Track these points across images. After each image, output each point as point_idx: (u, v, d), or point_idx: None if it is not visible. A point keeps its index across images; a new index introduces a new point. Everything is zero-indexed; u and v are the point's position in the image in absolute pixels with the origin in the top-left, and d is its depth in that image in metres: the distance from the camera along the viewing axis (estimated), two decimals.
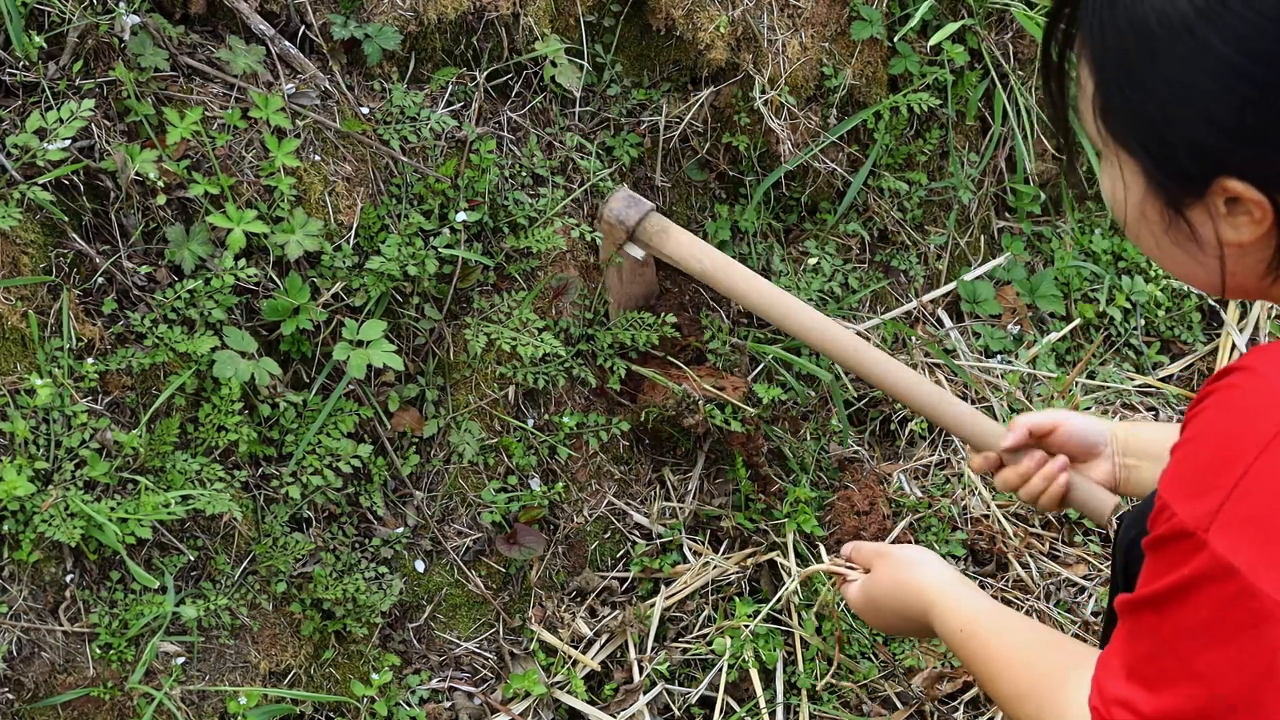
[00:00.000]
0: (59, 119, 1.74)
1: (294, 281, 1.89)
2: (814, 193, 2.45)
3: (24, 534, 1.66)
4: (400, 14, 2.02)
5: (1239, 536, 0.95)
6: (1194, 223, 1.09)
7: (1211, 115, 1.02)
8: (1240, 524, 0.95)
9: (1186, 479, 1.01)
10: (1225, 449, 0.98)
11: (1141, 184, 1.11)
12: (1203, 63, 1.01)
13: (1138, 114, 1.07)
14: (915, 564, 1.55)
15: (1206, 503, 0.97)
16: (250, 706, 1.81)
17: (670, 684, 2.09)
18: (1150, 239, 1.14)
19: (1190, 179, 1.06)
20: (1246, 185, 1.03)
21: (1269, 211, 1.03)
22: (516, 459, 2.10)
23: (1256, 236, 1.06)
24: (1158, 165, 1.08)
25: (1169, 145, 1.06)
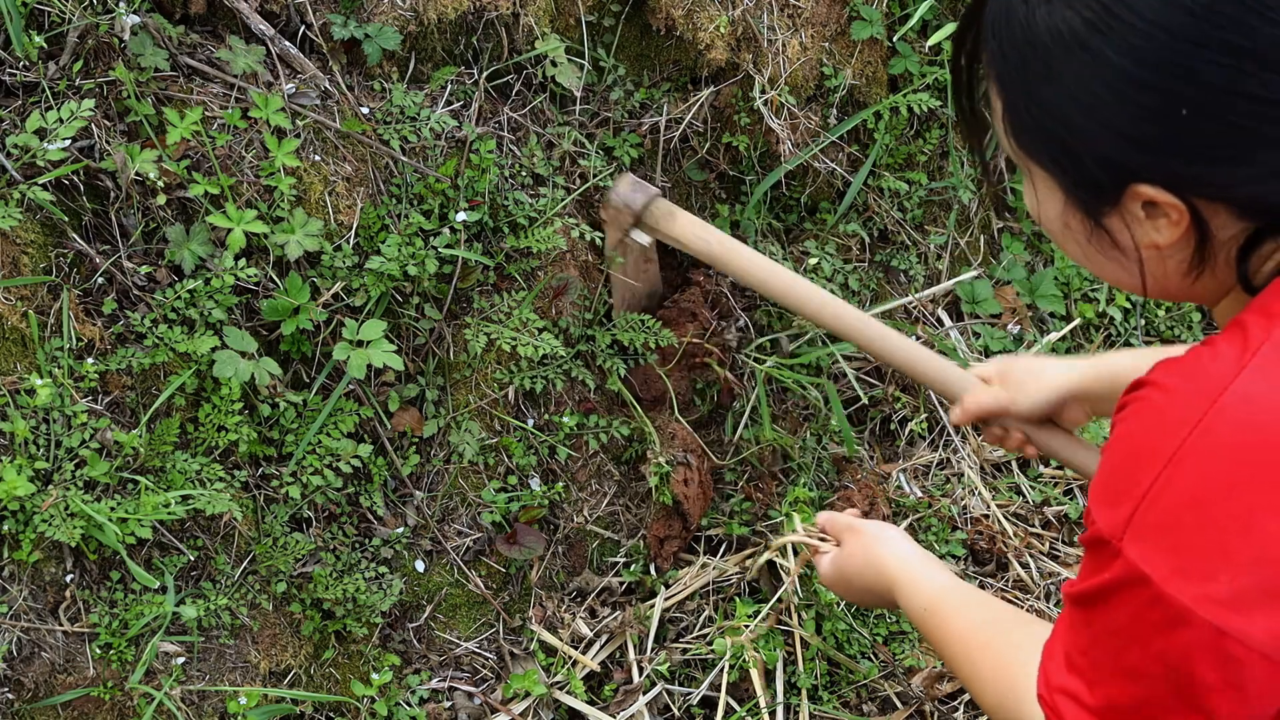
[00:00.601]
0: (59, 119, 1.74)
1: (294, 281, 1.88)
2: (814, 193, 2.45)
3: (24, 534, 1.66)
4: (400, 14, 2.02)
5: (1149, 545, 0.99)
6: (1112, 230, 1.10)
7: (1114, 126, 1.03)
8: (1150, 533, 0.99)
9: (1105, 486, 1.04)
10: (1135, 461, 1.02)
11: (1059, 197, 1.12)
12: (1099, 75, 1.02)
13: (1044, 129, 1.08)
14: (883, 540, 1.58)
15: (1120, 512, 1.01)
16: (250, 706, 1.81)
17: (670, 684, 2.09)
18: (1076, 248, 1.16)
19: (1103, 189, 1.07)
20: (1158, 190, 1.04)
21: (1184, 212, 1.04)
22: (516, 459, 2.10)
23: (1176, 238, 1.07)
24: (1070, 178, 1.09)
25: (1077, 158, 1.07)
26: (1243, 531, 0.96)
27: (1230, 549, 0.96)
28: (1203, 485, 0.97)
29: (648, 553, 2.19)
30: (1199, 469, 0.97)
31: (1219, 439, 0.97)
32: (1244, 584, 0.96)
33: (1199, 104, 0.99)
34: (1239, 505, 0.96)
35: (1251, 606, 0.96)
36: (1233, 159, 1.01)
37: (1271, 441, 0.96)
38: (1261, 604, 0.96)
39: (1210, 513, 0.97)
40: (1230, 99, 0.99)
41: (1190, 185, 1.03)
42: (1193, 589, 0.97)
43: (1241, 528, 0.96)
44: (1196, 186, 1.03)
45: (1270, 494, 0.96)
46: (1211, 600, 0.97)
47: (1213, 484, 0.97)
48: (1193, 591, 0.97)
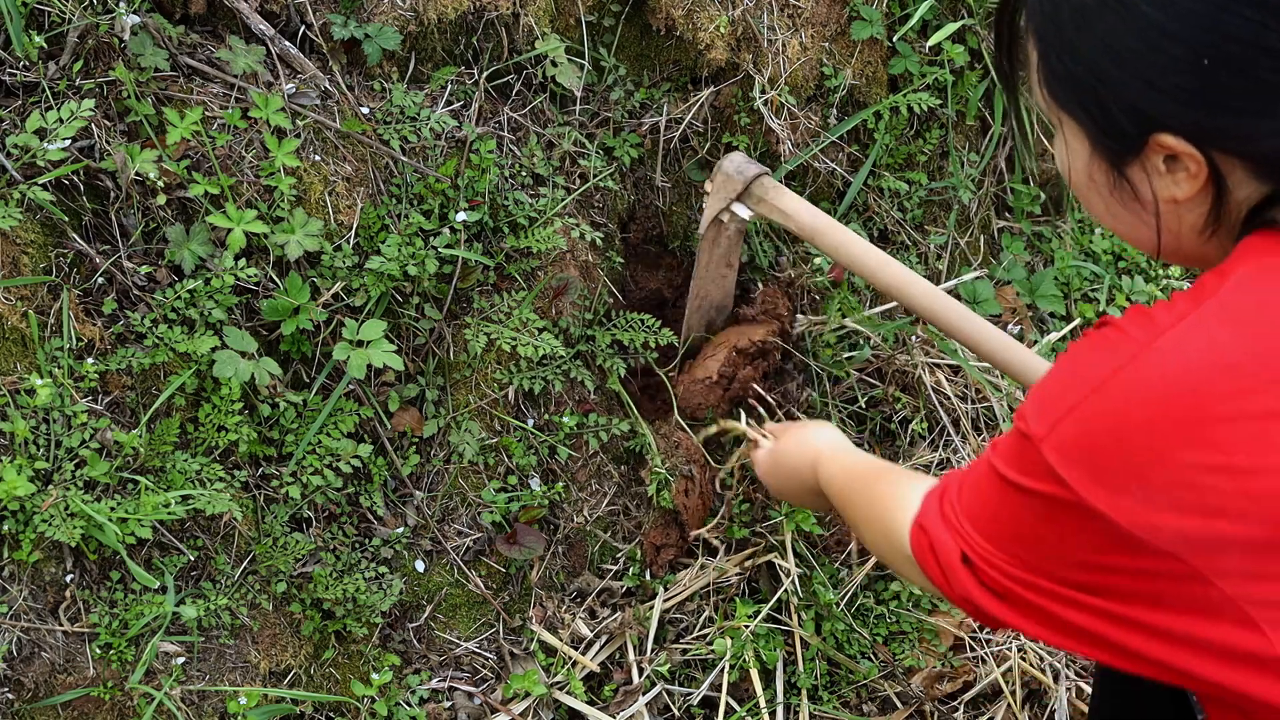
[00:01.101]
0: (59, 119, 1.74)
1: (294, 281, 1.88)
2: (814, 193, 2.45)
3: (24, 534, 1.66)
4: (400, 14, 2.02)
5: (1067, 456, 1.08)
6: (1135, 181, 1.16)
7: (1142, 75, 1.09)
8: (1069, 446, 1.08)
9: (1042, 392, 1.13)
10: (1069, 380, 1.11)
11: (1086, 148, 1.19)
12: (1130, 25, 1.08)
13: (1076, 79, 1.14)
14: (814, 426, 1.80)
15: (1046, 419, 1.10)
16: (250, 706, 1.81)
17: (670, 685, 2.09)
18: (1099, 202, 1.22)
19: (1128, 137, 1.13)
20: (1179, 140, 1.09)
21: (1203, 165, 1.10)
22: (516, 459, 2.10)
23: (1194, 191, 1.13)
24: (1098, 126, 1.15)
25: (1106, 106, 1.13)
26: (1155, 461, 1.04)
27: (1144, 475, 1.05)
28: (1121, 414, 1.06)
29: (644, 559, 2.19)
30: (1120, 400, 1.06)
31: (1143, 376, 1.05)
32: (1155, 498, 1.05)
33: (1224, 57, 1.05)
34: (1153, 439, 1.04)
35: (1161, 514, 1.05)
36: (1254, 112, 1.06)
37: (1190, 385, 1.04)
38: (1169, 513, 1.04)
39: (1126, 441, 1.05)
40: (1253, 53, 1.04)
41: (1210, 137, 1.09)
42: (1106, 498, 1.06)
43: (1154, 458, 1.04)
44: (1216, 139, 1.09)
45: (1182, 432, 1.03)
46: (1124, 509, 1.06)
47: (1130, 416, 1.05)
48: (1107, 500, 1.06)
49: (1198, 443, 1.03)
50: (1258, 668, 1.07)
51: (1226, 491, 1.03)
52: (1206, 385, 1.03)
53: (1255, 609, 1.05)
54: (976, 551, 1.20)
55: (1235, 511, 1.03)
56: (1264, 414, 1.02)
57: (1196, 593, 1.07)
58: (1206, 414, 1.03)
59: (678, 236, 2.42)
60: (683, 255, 2.45)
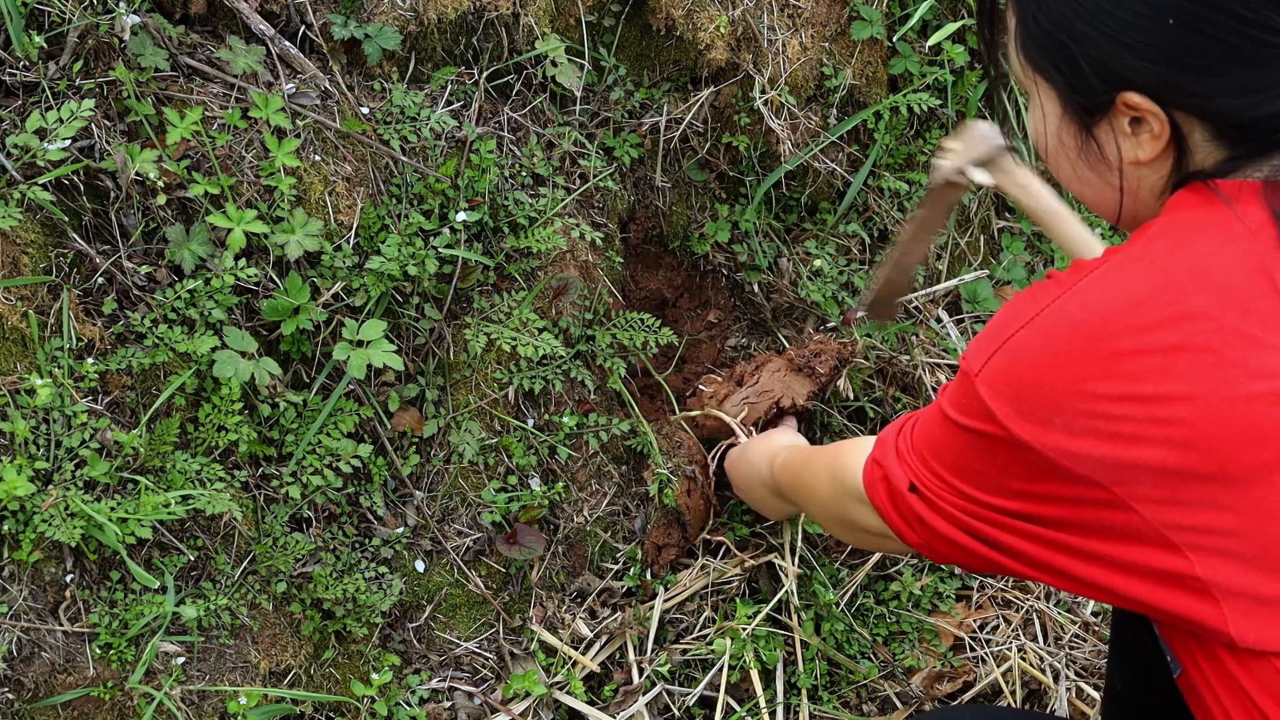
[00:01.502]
0: (59, 119, 1.74)
1: (294, 281, 1.89)
2: (814, 193, 2.45)
3: (24, 534, 1.66)
4: (400, 14, 2.02)
5: (995, 390, 1.17)
6: (1101, 141, 1.23)
7: (1109, 31, 1.15)
8: (997, 379, 1.17)
9: (983, 333, 1.22)
10: (1005, 319, 1.19)
11: (1057, 109, 1.25)
12: None
13: (1050, 38, 1.21)
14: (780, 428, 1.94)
15: (980, 356, 1.19)
16: (250, 706, 1.81)
17: (670, 685, 2.09)
18: (1068, 165, 1.29)
19: (1096, 94, 1.19)
20: (1144, 98, 1.16)
21: (1166, 124, 1.17)
22: (516, 459, 2.10)
23: (1156, 153, 1.19)
24: (1069, 84, 1.22)
25: (1076, 63, 1.19)
26: (1072, 393, 1.12)
27: (1062, 405, 1.13)
28: (1042, 349, 1.14)
29: (645, 559, 2.19)
30: (1042, 335, 1.14)
31: (1064, 314, 1.14)
32: (1075, 426, 1.12)
33: (1184, 14, 1.11)
34: (1071, 371, 1.12)
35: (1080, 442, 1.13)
36: (1212, 71, 1.13)
37: (1102, 320, 1.11)
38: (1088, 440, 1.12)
39: (1045, 373, 1.13)
40: (1213, 13, 1.10)
41: (1172, 95, 1.15)
42: (1031, 430, 1.14)
43: (1072, 390, 1.12)
44: (1177, 97, 1.15)
45: (1096, 364, 1.11)
46: (1046, 439, 1.14)
47: (1050, 350, 1.13)
48: (1031, 432, 1.14)
49: (1108, 374, 1.11)
50: (1180, 587, 1.14)
51: (1136, 419, 1.10)
52: (1116, 320, 1.11)
53: (1173, 533, 1.12)
54: (924, 482, 1.29)
55: (1145, 438, 1.10)
56: (1169, 347, 1.09)
57: (1119, 519, 1.14)
58: (1115, 347, 1.10)
59: (678, 236, 2.42)
60: (683, 255, 2.45)
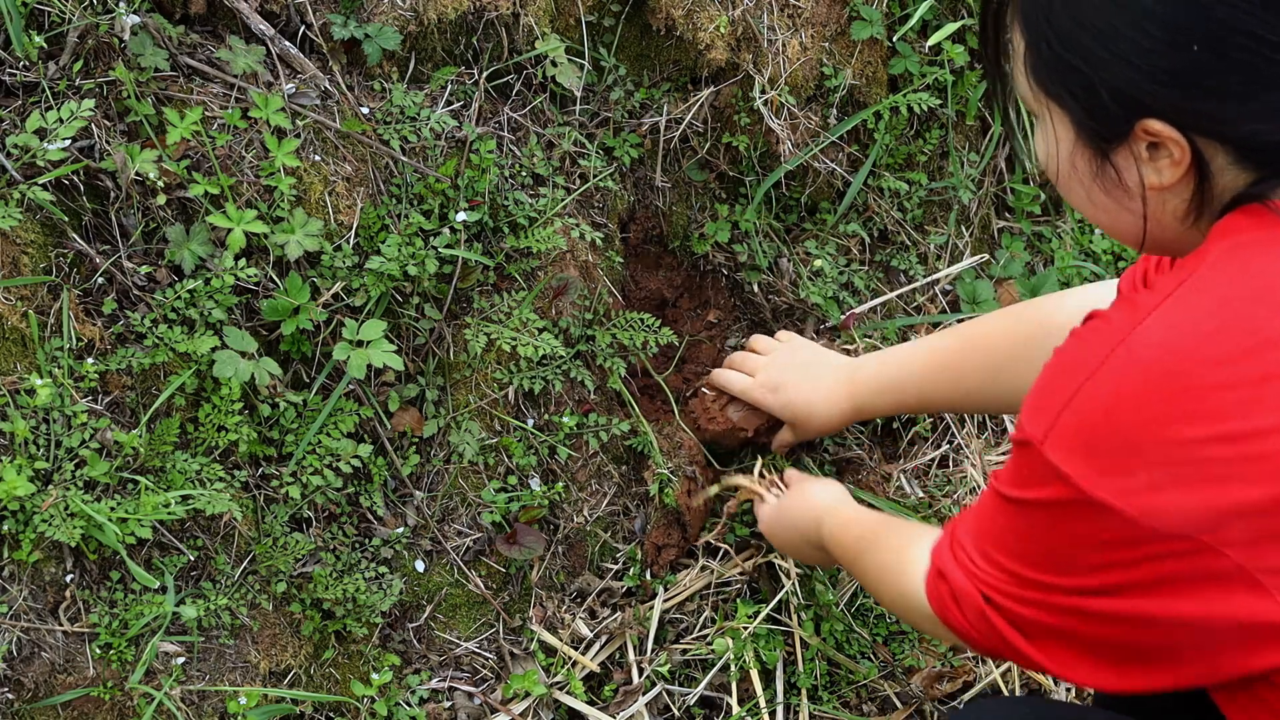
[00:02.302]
0: (59, 119, 1.74)
1: (294, 281, 1.89)
2: (814, 193, 2.45)
3: (24, 534, 1.66)
4: (400, 14, 2.02)
5: (1068, 449, 1.10)
6: (1119, 167, 1.18)
7: (1129, 58, 1.11)
8: (1069, 438, 1.10)
9: (1036, 395, 1.15)
10: (1062, 375, 1.13)
11: (1071, 134, 1.21)
12: (1119, 9, 1.11)
13: (1064, 63, 1.16)
14: (818, 484, 1.85)
15: (1044, 418, 1.12)
16: (250, 706, 1.81)
17: (670, 685, 2.09)
18: (1081, 190, 1.24)
19: (1114, 121, 1.15)
20: (1165, 125, 1.12)
21: (1187, 150, 1.13)
22: (516, 459, 2.10)
23: (1177, 178, 1.15)
24: (1084, 110, 1.17)
25: (1093, 90, 1.15)
26: (1154, 437, 1.06)
27: (1143, 451, 1.07)
28: (1117, 396, 1.08)
29: (644, 559, 2.19)
30: (1114, 383, 1.08)
31: (1134, 356, 1.08)
32: (1158, 477, 1.06)
33: (1208, 40, 1.07)
34: (1149, 415, 1.06)
35: (1166, 494, 1.06)
36: (1235, 95, 1.09)
37: (1178, 360, 1.06)
38: (1173, 491, 1.06)
39: (1123, 422, 1.07)
40: (1236, 37, 1.06)
41: (1193, 121, 1.12)
42: (1111, 484, 1.08)
43: (1153, 433, 1.06)
44: (1199, 123, 1.12)
45: (1176, 404, 1.05)
46: (1130, 493, 1.07)
47: (1126, 396, 1.07)
48: (1111, 486, 1.08)
49: (1191, 414, 1.05)
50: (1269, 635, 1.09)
51: (1225, 459, 1.05)
52: (1193, 356, 1.06)
53: (1264, 575, 1.07)
54: (995, 587, 1.20)
55: (1236, 478, 1.05)
56: (1256, 379, 1.05)
57: (1204, 564, 1.08)
58: (1194, 384, 1.05)
59: (678, 236, 2.42)
60: (683, 255, 2.45)
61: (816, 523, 1.72)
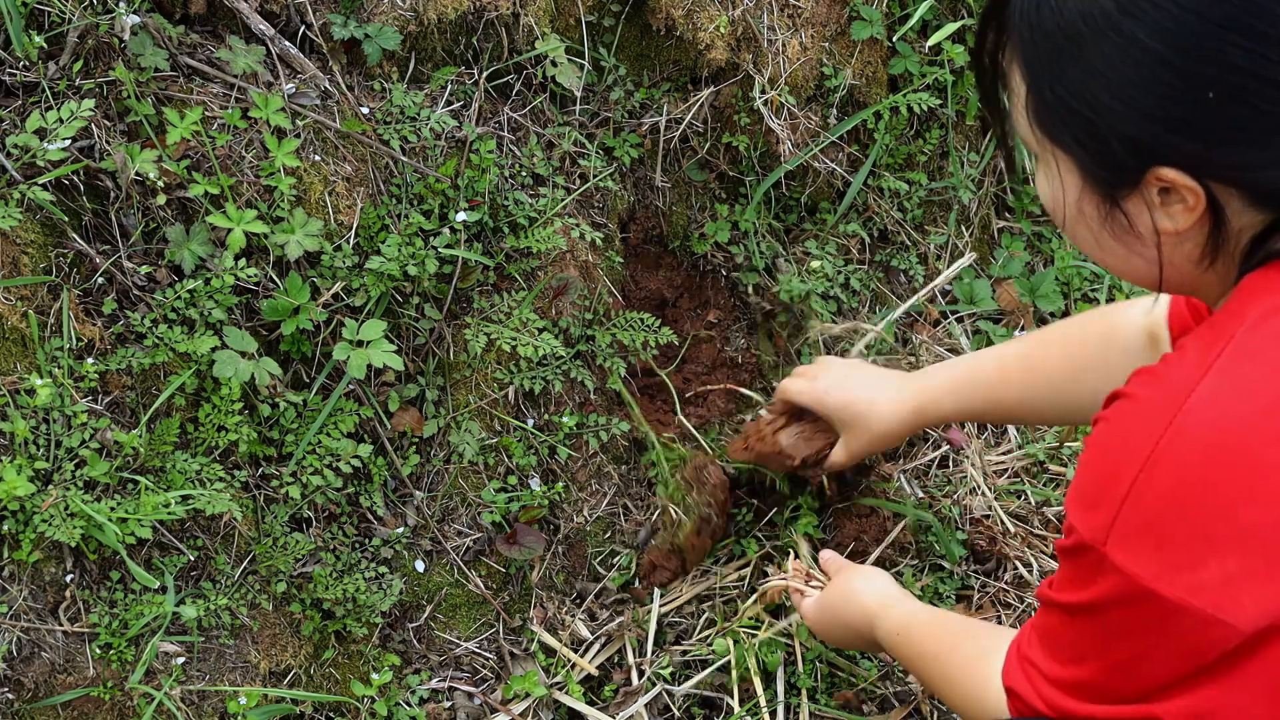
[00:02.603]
0: (59, 119, 1.74)
1: (294, 281, 1.89)
2: (814, 193, 2.45)
3: (24, 534, 1.66)
4: (400, 14, 2.02)
5: (1134, 547, 1.04)
6: (1130, 213, 1.14)
7: (1140, 106, 1.07)
8: (1133, 534, 1.04)
9: (1083, 493, 1.09)
10: (1112, 467, 1.06)
11: (1077, 180, 1.16)
12: (1129, 57, 1.06)
13: (1070, 110, 1.12)
14: (864, 576, 1.72)
15: (1101, 516, 1.06)
16: (250, 706, 1.81)
17: (670, 685, 2.09)
18: (1089, 235, 1.19)
19: (1124, 169, 1.11)
20: (1178, 172, 1.08)
21: (1201, 197, 1.08)
22: (516, 459, 2.09)
23: (1191, 223, 1.11)
24: (1092, 158, 1.13)
25: (1102, 138, 1.10)
26: (1223, 522, 1.01)
27: (1213, 538, 1.01)
28: (1179, 484, 1.02)
29: (638, 571, 2.18)
30: (1174, 468, 1.02)
31: (1189, 439, 1.02)
32: (1231, 568, 1.01)
33: (1223, 86, 1.03)
34: (1215, 496, 1.01)
35: (1240, 586, 1.01)
36: (1252, 143, 1.05)
37: (1238, 436, 1.01)
38: (1248, 582, 1.01)
39: (1190, 508, 1.01)
40: (1253, 83, 1.03)
41: (1208, 168, 1.07)
42: (1184, 580, 1.02)
43: (1221, 518, 1.01)
44: (1215, 169, 1.07)
45: (1242, 484, 1.00)
46: (1203, 588, 1.02)
47: (1188, 480, 1.02)
48: (1184, 582, 1.02)
49: (1260, 496, 1.00)
50: None
51: None
52: (1253, 433, 1.01)
53: None
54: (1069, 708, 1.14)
55: None
56: None
57: None
58: (1259, 462, 1.00)
59: (678, 236, 2.42)
60: (683, 255, 2.45)
61: (868, 622, 1.63)
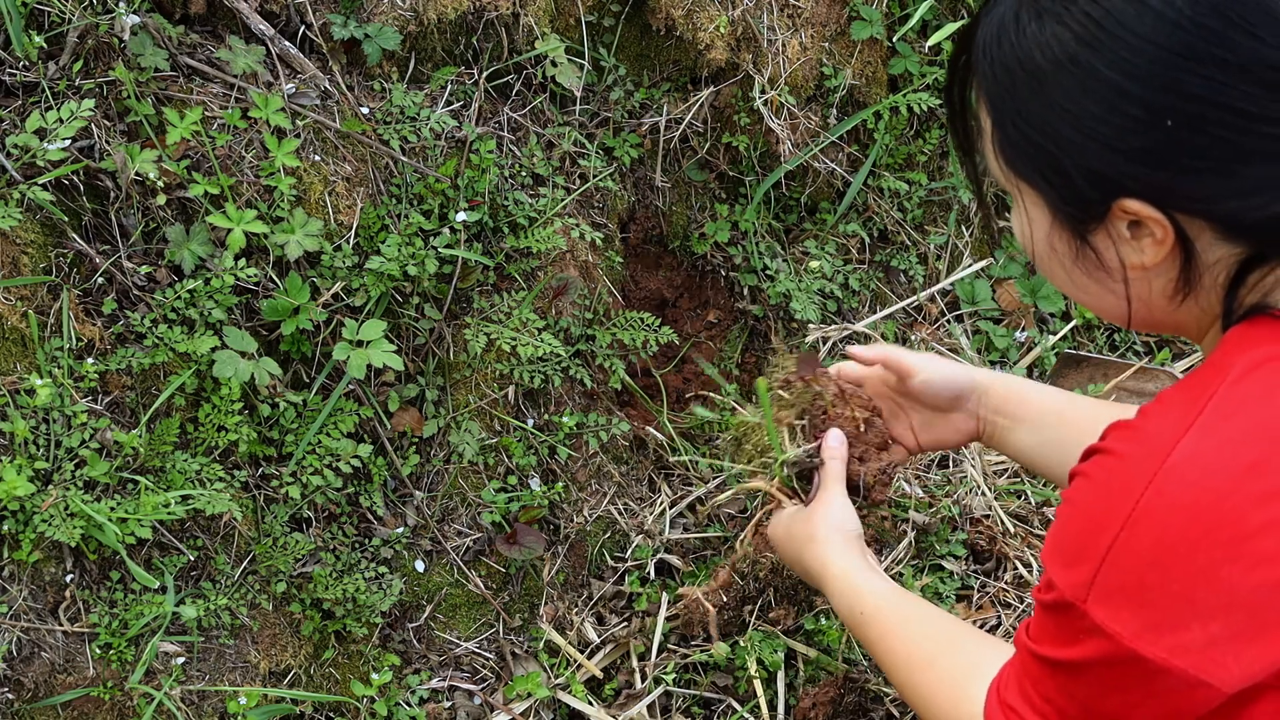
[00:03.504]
0: (59, 119, 1.74)
1: (294, 281, 1.88)
2: (814, 193, 2.45)
3: (24, 534, 1.66)
4: (400, 14, 2.02)
5: (1115, 606, 1.02)
6: (1099, 249, 1.11)
7: (1101, 138, 1.04)
8: (1114, 593, 1.02)
9: (1062, 549, 1.07)
10: (1091, 524, 1.04)
11: (1046, 216, 1.14)
12: (1089, 89, 1.04)
13: (1033, 145, 1.10)
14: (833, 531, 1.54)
15: (1080, 573, 1.04)
16: (250, 706, 1.81)
17: (672, 688, 2.09)
18: (1061, 272, 1.17)
19: (1089, 203, 1.08)
20: (1144, 204, 1.05)
21: (1169, 230, 1.06)
22: (516, 459, 2.09)
23: (1160, 258, 1.09)
24: (1058, 193, 1.10)
25: (1065, 172, 1.08)
26: (1206, 583, 0.99)
27: (1196, 600, 1.00)
28: (1161, 543, 1.00)
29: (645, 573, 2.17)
30: (1155, 528, 1.00)
31: (1171, 498, 1.00)
32: (1214, 630, 1.00)
33: (1184, 116, 1.02)
34: (1198, 559, 0.99)
35: (1224, 648, 1.00)
36: (1215, 171, 1.03)
37: (1219, 496, 0.99)
38: (1232, 644, 1.00)
39: (1172, 569, 1.00)
40: (1215, 112, 1.01)
41: (1174, 199, 1.05)
42: (1166, 641, 1.01)
43: (1204, 580, 0.99)
44: (1180, 200, 1.05)
45: (1224, 545, 0.99)
46: (1186, 649, 1.00)
47: (1170, 542, 1.00)
48: (1167, 644, 1.01)
49: (1237, 556, 0.98)
50: None
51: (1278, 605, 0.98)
52: (1234, 493, 0.99)
53: None
54: None
55: None
56: None
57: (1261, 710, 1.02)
58: (1243, 523, 0.98)
59: (678, 236, 2.42)
60: (682, 255, 2.45)
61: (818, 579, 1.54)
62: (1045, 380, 2.55)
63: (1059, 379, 2.53)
